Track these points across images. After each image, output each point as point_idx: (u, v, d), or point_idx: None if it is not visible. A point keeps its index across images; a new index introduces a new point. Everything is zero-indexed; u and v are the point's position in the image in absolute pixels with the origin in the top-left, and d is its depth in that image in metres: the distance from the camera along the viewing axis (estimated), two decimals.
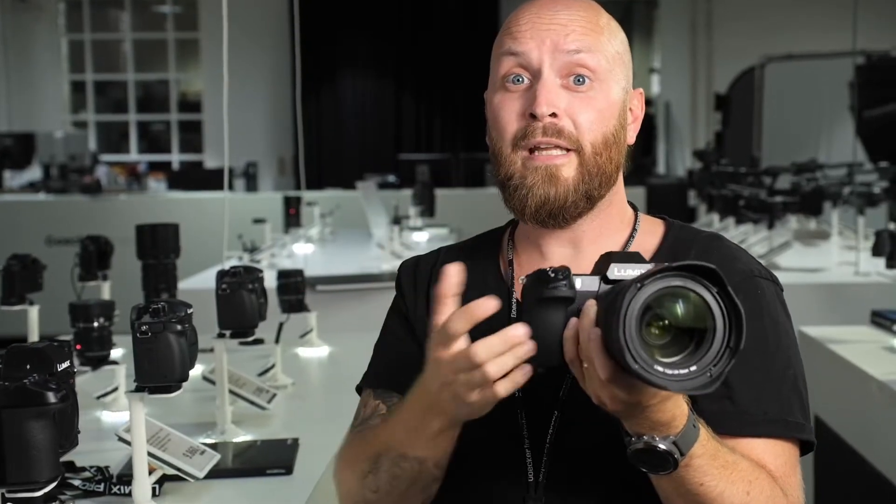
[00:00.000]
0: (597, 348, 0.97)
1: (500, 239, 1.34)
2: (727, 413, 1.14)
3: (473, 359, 1.03)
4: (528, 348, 1.03)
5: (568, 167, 1.19)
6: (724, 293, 0.95)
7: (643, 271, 1.01)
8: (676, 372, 0.94)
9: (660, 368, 0.94)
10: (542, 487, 1.19)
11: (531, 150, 1.20)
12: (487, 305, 1.04)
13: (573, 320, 1.02)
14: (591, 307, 1.00)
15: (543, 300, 1.04)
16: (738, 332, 0.95)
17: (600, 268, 1.05)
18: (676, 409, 1.01)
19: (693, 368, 0.95)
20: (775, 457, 1.15)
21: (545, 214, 1.20)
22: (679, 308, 0.97)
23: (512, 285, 1.27)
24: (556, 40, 1.19)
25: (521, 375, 1.04)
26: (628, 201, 1.31)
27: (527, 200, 1.20)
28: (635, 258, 1.04)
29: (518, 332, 1.03)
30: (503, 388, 1.04)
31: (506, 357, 1.03)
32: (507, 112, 1.21)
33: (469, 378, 1.04)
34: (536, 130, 1.18)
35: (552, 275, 1.04)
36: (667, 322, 0.97)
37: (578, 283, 1.04)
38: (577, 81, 1.19)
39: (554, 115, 1.18)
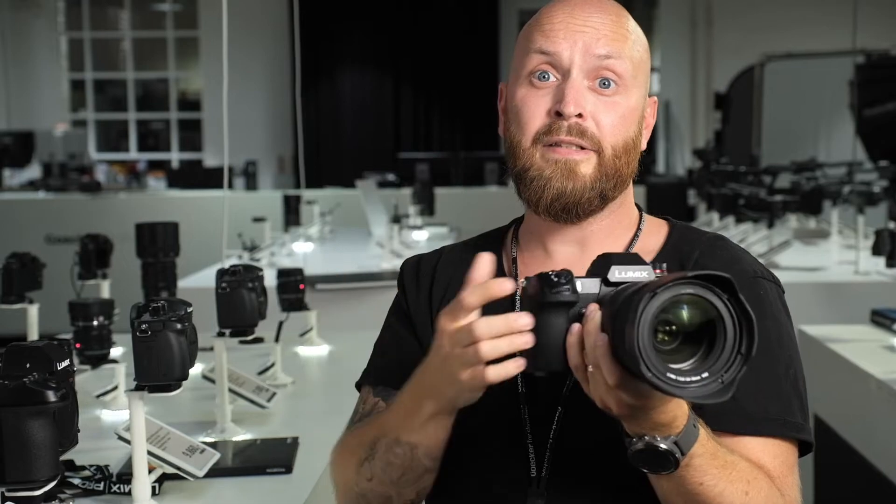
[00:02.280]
0: (604, 354, 0.97)
1: (504, 237, 1.35)
2: (727, 411, 1.13)
3: (472, 332, 1.03)
4: (526, 339, 1.03)
5: (586, 164, 1.21)
6: (735, 299, 0.94)
7: (645, 273, 1.01)
8: (688, 379, 0.94)
9: (672, 376, 0.93)
10: (545, 483, 1.20)
11: (551, 145, 1.21)
12: (504, 286, 1.05)
13: (576, 325, 1.02)
14: (595, 312, 1.00)
15: (546, 304, 1.03)
16: (749, 339, 0.94)
17: (598, 270, 1.05)
18: (678, 410, 1.01)
19: (705, 375, 0.94)
20: (773, 456, 1.15)
21: (559, 208, 1.21)
22: (686, 313, 0.96)
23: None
24: (588, 43, 1.21)
25: (514, 367, 1.04)
26: (635, 203, 1.33)
27: (543, 192, 1.21)
28: (635, 259, 1.04)
29: (522, 320, 1.03)
30: (493, 373, 1.04)
31: (502, 341, 1.03)
32: (531, 107, 1.22)
33: (464, 353, 1.05)
34: (561, 129, 1.19)
35: (555, 279, 1.03)
36: (674, 328, 0.96)
37: (579, 287, 1.03)
38: (603, 84, 1.21)
39: (580, 115, 1.19)
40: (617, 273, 1.02)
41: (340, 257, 5.15)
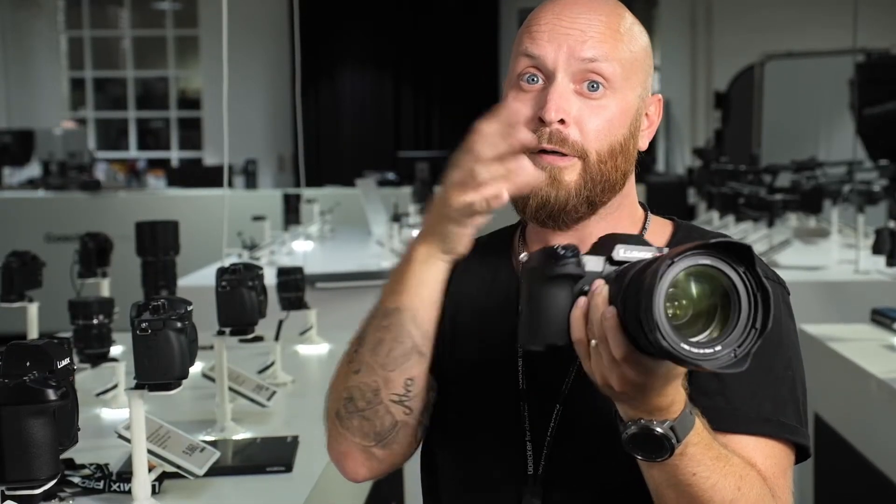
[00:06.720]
0: (613, 327, 0.96)
1: (513, 236, 1.34)
2: (720, 409, 1.13)
3: (473, 146, 1.09)
4: (525, 135, 1.08)
5: (570, 171, 1.19)
6: (752, 272, 0.93)
7: (649, 255, 1.00)
8: (702, 351, 0.92)
9: (686, 347, 0.92)
10: (541, 480, 1.20)
11: (536, 152, 1.20)
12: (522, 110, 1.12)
13: (582, 299, 1.00)
14: (602, 286, 0.99)
15: (552, 278, 1.02)
16: (765, 312, 0.92)
17: (602, 249, 1.03)
18: (676, 395, 1.00)
19: (718, 348, 0.93)
20: (766, 457, 1.14)
21: (545, 215, 1.20)
22: (695, 288, 0.94)
23: None
24: (573, 46, 1.19)
25: (520, 171, 1.10)
26: (640, 202, 1.31)
27: (528, 200, 1.20)
28: (639, 240, 1.02)
29: (513, 107, 1.09)
30: (498, 187, 1.10)
31: (497, 167, 1.09)
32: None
33: (462, 171, 1.10)
34: (543, 136, 1.18)
35: (561, 252, 1.02)
36: (683, 302, 0.94)
37: (584, 262, 1.02)
38: (590, 88, 1.19)
39: (562, 121, 1.18)
40: (622, 252, 1.01)
41: (340, 256, 5.15)
